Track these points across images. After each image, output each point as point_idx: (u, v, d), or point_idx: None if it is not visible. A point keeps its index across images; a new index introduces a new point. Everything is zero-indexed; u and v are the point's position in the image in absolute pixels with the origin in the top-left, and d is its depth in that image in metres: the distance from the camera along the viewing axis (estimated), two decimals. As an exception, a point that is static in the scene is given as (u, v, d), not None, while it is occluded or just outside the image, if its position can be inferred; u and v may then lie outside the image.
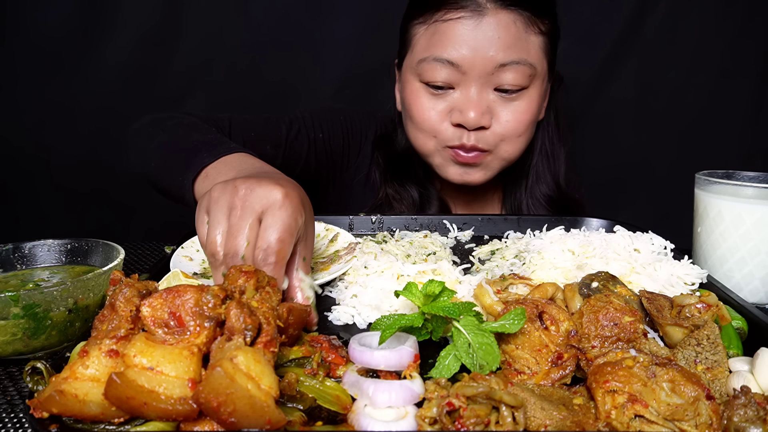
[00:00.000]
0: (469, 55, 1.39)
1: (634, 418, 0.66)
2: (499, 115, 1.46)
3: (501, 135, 1.48)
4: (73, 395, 0.63)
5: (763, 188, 1.13)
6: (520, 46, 1.40)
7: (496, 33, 1.38)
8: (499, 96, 1.45)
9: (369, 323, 0.99)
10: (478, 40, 1.38)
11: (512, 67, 1.40)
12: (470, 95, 1.43)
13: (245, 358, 0.63)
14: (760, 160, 2.56)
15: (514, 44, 1.39)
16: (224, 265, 0.85)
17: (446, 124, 1.47)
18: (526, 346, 0.82)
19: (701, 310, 0.84)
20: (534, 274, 1.09)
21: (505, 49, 1.38)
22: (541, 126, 1.66)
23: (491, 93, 1.44)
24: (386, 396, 0.70)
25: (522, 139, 1.53)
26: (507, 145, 1.51)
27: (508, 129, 1.47)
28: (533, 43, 1.43)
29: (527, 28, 1.41)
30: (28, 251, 1.07)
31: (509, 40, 1.39)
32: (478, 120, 1.42)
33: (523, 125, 1.48)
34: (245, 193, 0.86)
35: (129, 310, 0.71)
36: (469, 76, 1.41)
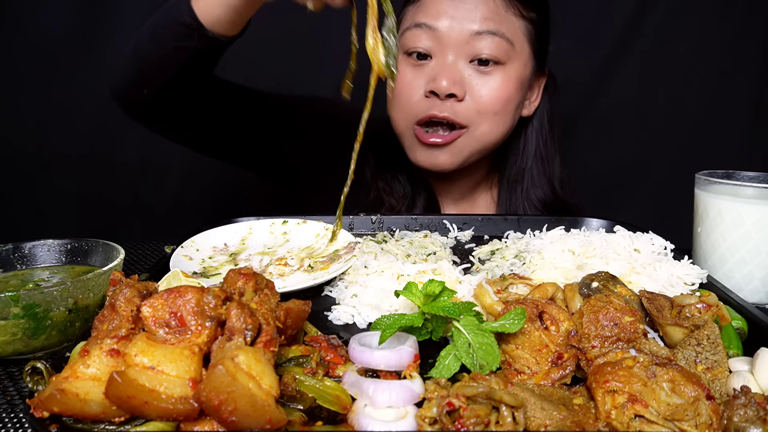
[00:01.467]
0: (446, 22, 1.44)
1: (634, 418, 0.66)
2: (474, 89, 1.47)
3: (476, 110, 1.48)
4: (74, 394, 0.63)
5: (763, 188, 1.13)
6: (498, 20, 1.46)
7: (473, 5, 1.45)
8: (474, 70, 1.47)
9: (369, 323, 0.99)
10: (457, 10, 1.44)
11: (487, 37, 1.44)
12: (446, 63, 1.46)
13: (246, 358, 0.63)
14: (760, 160, 2.56)
15: (491, 18, 1.45)
16: None
17: (420, 95, 1.49)
18: (526, 346, 0.82)
19: (701, 310, 0.84)
20: (534, 274, 1.09)
21: (481, 19, 1.44)
22: (535, 129, 1.67)
23: (467, 67, 1.47)
24: (386, 396, 0.70)
25: (498, 120, 1.52)
26: (483, 125, 1.50)
27: (482, 104, 1.48)
28: (512, 22, 1.48)
29: (507, 8, 1.48)
30: (28, 251, 1.07)
31: (486, 13, 1.45)
32: (449, 86, 1.43)
33: (499, 102, 1.49)
34: None
35: (129, 310, 0.71)
36: (444, 45, 1.45)
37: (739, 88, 2.50)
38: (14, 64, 2.27)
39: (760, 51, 2.46)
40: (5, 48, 2.24)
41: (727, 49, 2.45)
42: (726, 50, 2.46)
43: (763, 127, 2.55)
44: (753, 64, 2.47)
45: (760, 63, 2.47)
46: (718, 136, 2.55)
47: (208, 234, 1.28)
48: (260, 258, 1.21)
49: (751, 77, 2.49)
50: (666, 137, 2.57)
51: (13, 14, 2.22)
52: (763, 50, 2.46)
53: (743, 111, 2.54)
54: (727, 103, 2.51)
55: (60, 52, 2.27)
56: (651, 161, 2.59)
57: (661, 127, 2.55)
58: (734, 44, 2.45)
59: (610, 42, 2.43)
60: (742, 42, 2.44)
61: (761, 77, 2.49)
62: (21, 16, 2.22)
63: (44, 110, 2.33)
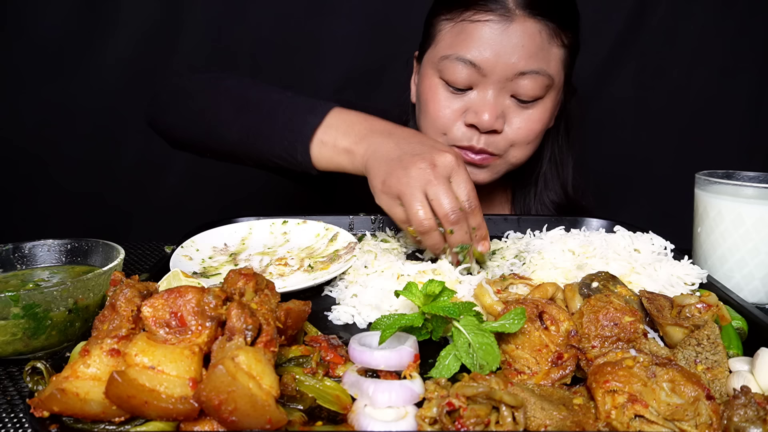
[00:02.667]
0: (491, 58, 1.39)
1: (634, 418, 0.66)
2: (512, 121, 1.46)
3: (511, 140, 1.47)
4: (75, 394, 0.63)
5: (763, 188, 1.13)
6: (541, 56, 1.41)
7: (521, 41, 1.38)
8: (513, 102, 1.45)
9: (369, 323, 0.99)
10: (503, 46, 1.38)
11: (531, 77, 1.41)
12: (487, 98, 1.43)
13: (246, 358, 0.64)
14: (760, 160, 2.56)
15: (536, 54, 1.40)
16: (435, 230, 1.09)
17: (459, 124, 1.46)
18: (526, 346, 0.82)
19: (701, 310, 0.84)
20: (534, 274, 1.09)
21: (527, 57, 1.39)
22: (551, 134, 1.66)
23: (507, 99, 1.45)
24: (386, 396, 0.70)
25: (531, 146, 1.53)
26: (515, 151, 1.51)
27: (519, 135, 1.47)
28: (554, 55, 1.44)
29: (551, 40, 1.42)
30: (28, 251, 1.07)
31: (533, 50, 1.39)
32: (492, 123, 1.41)
33: (534, 134, 1.49)
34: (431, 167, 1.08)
35: (130, 310, 0.71)
36: (488, 79, 1.41)
37: (739, 88, 2.50)
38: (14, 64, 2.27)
39: (760, 51, 2.46)
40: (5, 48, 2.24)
41: (727, 48, 2.45)
42: (726, 50, 2.46)
43: (763, 127, 2.55)
44: (753, 63, 2.47)
45: (760, 63, 2.47)
46: (718, 136, 2.55)
47: (208, 234, 1.28)
48: (260, 258, 1.21)
49: (751, 77, 2.49)
50: (666, 137, 2.57)
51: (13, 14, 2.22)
52: (763, 50, 2.46)
53: (743, 110, 2.54)
54: (727, 102, 2.51)
55: (60, 53, 2.27)
56: (651, 161, 2.60)
57: (661, 127, 2.56)
58: (734, 44, 2.45)
59: (610, 42, 2.43)
60: (742, 42, 2.44)
61: (761, 76, 2.49)
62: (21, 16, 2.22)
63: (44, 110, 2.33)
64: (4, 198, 2.40)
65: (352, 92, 2.40)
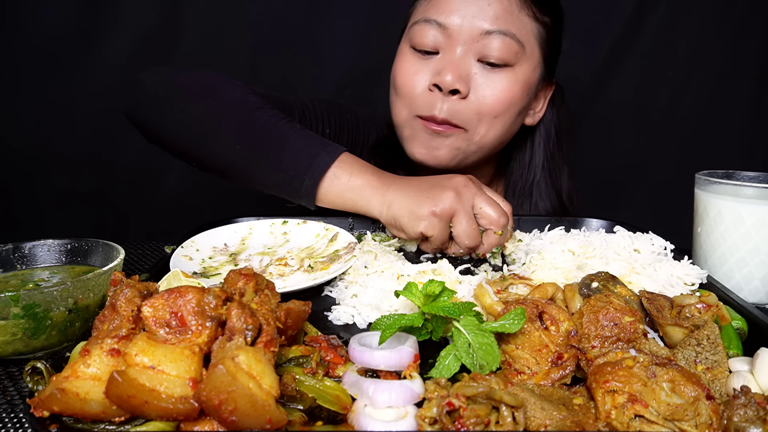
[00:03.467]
0: (457, 19, 1.41)
1: (634, 418, 0.66)
2: (478, 88, 1.42)
3: (477, 110, 1.43)
4: (75, 393, 0.63)
5: (763, 188, 1.13)
6: (510, 20, 1.42)
7: (486, 2, 1.41)
8: (481, 67, 1.43)
9: (369, 323, 0.99)
10: (469, 7, 1.41)
11: (497, 37, 1.40)
12: (452, 58, 1.42)
13: (246, 357, 0.64)
14: (760, 160, 2.56)
15: (503, 17, 1.41)
16: None
17: (423, 90, 1.44)
18: (526, 346, 0.82)
19: (701, 310, 0.84)
20: (534, 274, 1.09)
21: (493, 18, 1.41)
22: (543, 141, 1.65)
23: (475, 64, 1.42)
24: (386, 396, 0.70)
25: (497, 123, 1.47)
26: (482, 127, 1.45)
27: (484, 104, 1.43)
28: (524, 23, 1.44)
29: (521, 9, 1.44)
30: (28, 251, 1.07)
31: (499, 12, 1.41)
32: (453, 82, 1.38)
33: (501, 104, 1.44)
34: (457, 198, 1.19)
35: (130, 310, 0.71)
36: (454, 41, 1.42)
37: (739, 88, 2.50)
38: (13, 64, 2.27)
39: (760, 51, 2.46)
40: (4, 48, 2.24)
41: (727, 49, 2.46)
42: (726, 50, 2.46)
43: (763, 127, 2.55)
44: (753, 64, 2.47)
45: (760, 63, 2.47)
46: (718, 136, 2.55)
47: (208, 234, 1.28)
48: (260, 258, 1.21)
49: (751, 77, 2.49)
50: (666, 137, 2.57)
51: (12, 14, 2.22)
52: (763, 50, 2.46)
53: (743, 111, 2.54)
54: (727, 103, 2.51)
55: (59, 52, 2.27)
56: (651, 161, 2.60)
57: (661, 127, 2.56)
58: (734, 44, 2.45)
59: (610, 42, 2.44)
60: (742, 42, 2.45)
61: (761, 77, 2.49)
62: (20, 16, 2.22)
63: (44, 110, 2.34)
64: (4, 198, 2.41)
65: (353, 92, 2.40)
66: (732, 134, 2.56)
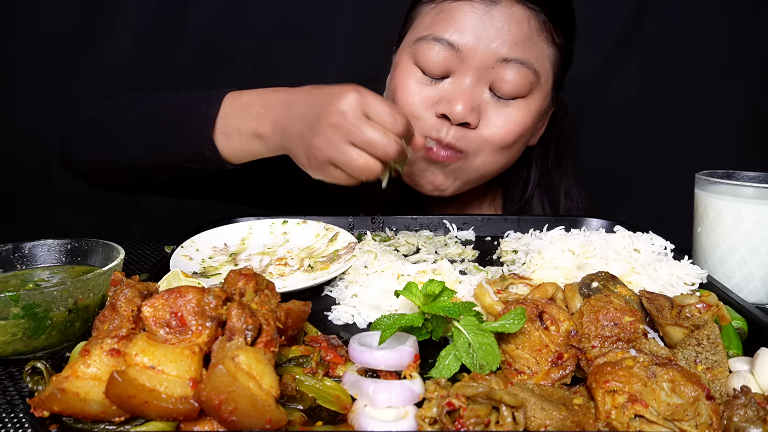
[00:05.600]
0: (471, 41, 1.28)
1: (634, 418, 0.66)
2: (489, 119, 1.33)
3: (485, 139, 1.34)
4: (75, 393, 0.63)
5: (763, 188, 1.13)
6: (528, 47, 1.30)
7: (506, 25, 1.27)
8: (493, 97, 1.33)
9: (369, 323, 0.99)
10: (485, 28, 1.27)
11: (514, 66, 1.29)
12: (463, 86, 1.30)
13: (246, 358, 0.64)
14: (760, 160, 2.56)
15: (522, 43, 1.29)
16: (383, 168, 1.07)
17: (429, 113, 1.33)
18: (526, 346, 0.82)
19: (701, 310, 0.84)
20: (534, 274, 1.09)
21: (512, 44, 1.28)
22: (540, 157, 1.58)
23: (486, 92, 1.33)
24: (386, 396, 0.70)
25: (503, 154, 1.39)
26: (486, 155, 1.37)
27: (495, 135, 1.33)
28: (542, 50, 1.33)
29: (540, 33, 1.32)
30: (28, 251, 1.07)
31: (518, 37, 1.28)
32: (464, 114, 1.28)
33: (512, 136, 1.35)
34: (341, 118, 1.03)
35: (130, 310, 0.71)
36: (466, 65, 1.30)
37: (739, 88, 2.50)
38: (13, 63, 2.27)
39: (760, 51, 2.46)
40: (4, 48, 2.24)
41: (727, 49, 2.45)
42: (726, 50, 2.46)
43: (763, 127, 2.55)
44: (753, 64, 2.47)
45: (760, 63, 2.47)
46: (718, 136, 2.55)
47: (208, 234, 1.28)
48: (260, 258, 1.21)
49: (751, 77, 2.49)
50: (666, 137, 2.57)
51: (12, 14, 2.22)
52: (763, 50, 2.46)
53: (743, 111, 2.54)
54: (727, 102, 2.51)
55: (59, 53, 2.27)
56: (651, 161, 2.60)
57: (661, 127, 2.56)
58: (734, 44, 2.45)
59: (610, 42, 2.43)
60: (742, 42, 2.44)
61: (761, 77, 2.49)
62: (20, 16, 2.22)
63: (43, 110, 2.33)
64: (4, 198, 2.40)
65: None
66: (732, 134, 2.55)
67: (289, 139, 1.13)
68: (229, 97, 1.21)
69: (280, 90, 1.19)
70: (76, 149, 1.40)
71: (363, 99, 1.05)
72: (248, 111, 1.18)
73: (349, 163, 1.05)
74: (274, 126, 1.15)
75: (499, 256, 1.29)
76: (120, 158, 1.34)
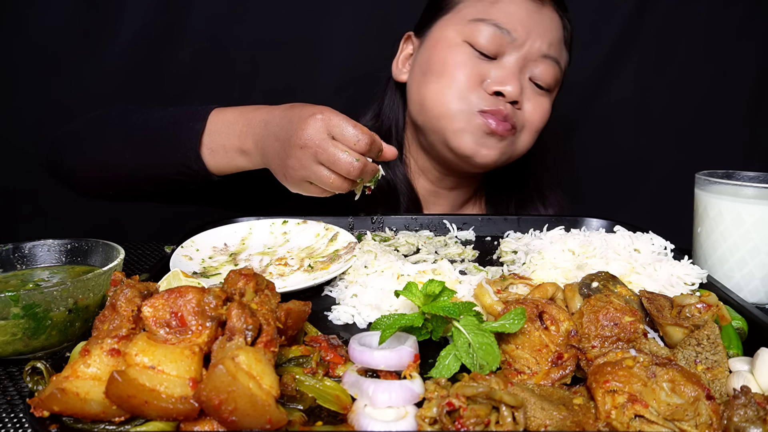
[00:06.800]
0: (524, 32, 1.44)
1: (634, 418, 0.66)
2: (527, 103, 1.49)
3: (527, 120, 1.50)
4: (75, 393, 0.63)
5: (763, 188, 1.13)
6: (559, 48, 1.51)
7: (550, 25, 1.47)
8: (531, 85, 1.49)
9: (369, 323, 0.99)
10: (535, 23, 1.45)
11: (551, 63, 1.48)
12: (513, 70, 1.45)
13: (246, 358, 0.64)
14: (760, 160, 2.56)
15: (557, 44, 1.49)
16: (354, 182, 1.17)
17: (478, 91, 1.45)
18: (526, 346, 0.82)
19: (701, 310, 0.84)
20: (534, 274, 1.09)
21: (551, 42, 1.47)
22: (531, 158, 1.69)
23: (526, 80, 1.48)
24: (386, 396, 0.70)
25: (535, 136, 1.56)
26: (524, 135, 1.53)
27: (533, 118, 1.51)
28: (564, 55, 1.54)
29: (564, 40, 1.53)
30: (28, 251, 1.07)
31: (556, 38, 1.49)
32: (517, 94, 1.43)
33: (544, 121, 1.53)
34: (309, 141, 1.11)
35: (130, 310, 0.71)
36: (516, 53, 1.45)
37: (739, 88, 2.50)
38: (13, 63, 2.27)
39: (760, 51, 2.46)
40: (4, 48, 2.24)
41: (727, 49, 2.45)
42: (726, 50, 2.46)
43: (763, 127, 2.55)
44: (753, 64, 2.47)
45: (760, 63, 2.47)
46: (718, 136, 2.54)
47: (208, 234, 1.28)
48: (260, 258, 1.21)
49: (751, 77, 2.48)
50: (666, 137, 2.56)
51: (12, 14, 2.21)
52: (763, 50, 2.46)
53: (743, 111, 2.53)
54: (726, 102, 2.51)
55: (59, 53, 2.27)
56: (651, 161, 2.59)
57: (661, 127, 2.55)
58: (734, 44, 2.45)
59: (610, 42, 2.43)
60: (742, 42, 2.44)
61: (761, 77, 2.49)
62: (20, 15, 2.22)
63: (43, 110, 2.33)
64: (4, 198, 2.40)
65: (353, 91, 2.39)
66: (732, 134, 2.55)
67: (267, 157, 1.23)
68: (213, 114, 1.30)
69: (260, 108, 1.28)
70: (65, 158, 1.47)
71: (327, 120, 1.13)
72: (232, 128, 1.27)
73: (321, 180, 1.15)
74: (255, 144, 1.24)
75: (499, 256, 1.29)
76: (108, 168, 1.40)
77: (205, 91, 2.36)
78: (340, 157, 1.11)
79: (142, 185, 1.41)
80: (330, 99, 2.35)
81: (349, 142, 1.12)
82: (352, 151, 1.12)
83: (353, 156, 1.12)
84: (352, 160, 1.11)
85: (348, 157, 1.11)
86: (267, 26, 2.33)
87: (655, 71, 2.48)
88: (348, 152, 1.12)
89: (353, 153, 1.12)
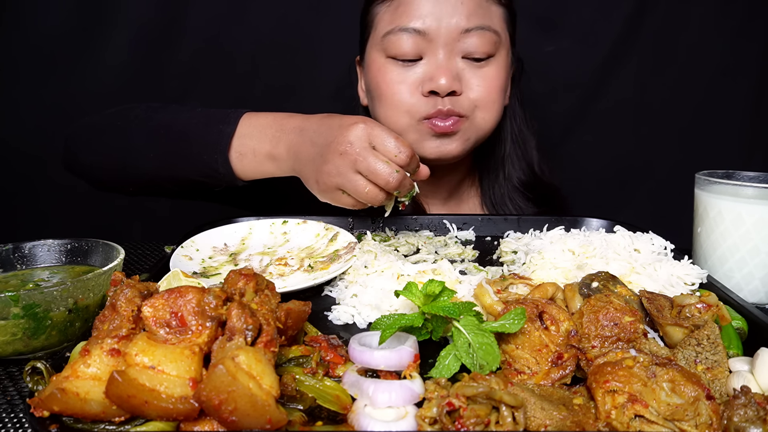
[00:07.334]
0: (433, 23, 1.41)
1: (634, 418, 0.66)
2: (470, 82, 1.45)
3: (474, 101, 1.46)
4: (75, 393, 0.63)
5: (763, 188, 1.13)
6: (482, 13, 1.44)
7: (458, 1, 1.41)
8: (467, 63, 1.45)
9: (369, 323, 0.99)
10: (441, 8, 1.41)
11: (477, 33, 1.42)
12: (439, 62, 1.42)
13: (246, 358, 0.64)
14: (760, 160, 2.56)
15: (476, 11, 1.43)
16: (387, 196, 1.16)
17: (418, 97, 1.44)
18: (526, 346, 0.82)
19: (701, 310, 0.84)
20: (534, 274, 1.09)
21: (468, 15, 1.42)
22: (509, 116, 1.67)
23: (459, 61, 1.44)
24: (386, 396, 0.70)
25: (495, 107, 1.52)
26: (481, 112, 1.49)
27: (480, 94, 1.46)
28: (495, 12, 1.47)
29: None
30: (28, 251, 1.07)
31: (471, 7, 1.42)
32: (449, 85, 1.40)
33: (495, 91, 1.49)
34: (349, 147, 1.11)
35: (130, 310, 0.71)
36: (435, 44, 1.42)
37: (739, 88, 2.49)
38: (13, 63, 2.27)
39: (760, 51, 2.46)
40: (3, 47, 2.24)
41: (727, 49, 2.45)
42: (726, 50, 2.45)
43: (763, 127, 2.54)
44: (753, 64, 2.47)
45: (760, 63, 2.47)
46: (718, 136, 2.54)
47: (208, 234, 1.28)
48: (260, 258, 1.21)
49: (751, 77, 2.48)
50: (666, 137, 2.56)
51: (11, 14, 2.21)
52: (763, 50, 2.46)
53: (743, 111, 2.53)
54: (727, 102, 2.51)
55: (59, 53, 2.27)
56: (651, 161, 2.59)
57: (661, 127, 2.55)
58: (734, 44, 2.44)
59: (610, 42, 2.43)
60: (742, 42, 2.44)
61: (761, 77, 2.49)
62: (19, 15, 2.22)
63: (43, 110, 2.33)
64: (4, 198, 2.40)
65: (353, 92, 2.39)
66: (732, 134, 2.55)
67: (300, 163, 1.21)
68: (245, 118, 1.28)
69: (294, 116, 1.27)
70: (83, 152, 1.45)
71: (370, 130, 1.13)
72: (264, 133, 1.26)
73: (356, 189, 1.13)
74: (288, 150, 1.23)
75: (499, 256, 1.29)
76: (129, 166, 1.39)
77: (205, 91, 2.36)
78: (380, 167, 1.10)
79: (163, 184, 1.40)
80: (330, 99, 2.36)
81: (390, 153, 1.12)
82: (392, 163, 1.11)
83: (393, 167, 1.11)
84: (391, 171, 1.11)
85: (387, 168, 1.11)
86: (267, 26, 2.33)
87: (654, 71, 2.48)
88: (388, 163, 1.11)
89: (393, 165, 1.11)
